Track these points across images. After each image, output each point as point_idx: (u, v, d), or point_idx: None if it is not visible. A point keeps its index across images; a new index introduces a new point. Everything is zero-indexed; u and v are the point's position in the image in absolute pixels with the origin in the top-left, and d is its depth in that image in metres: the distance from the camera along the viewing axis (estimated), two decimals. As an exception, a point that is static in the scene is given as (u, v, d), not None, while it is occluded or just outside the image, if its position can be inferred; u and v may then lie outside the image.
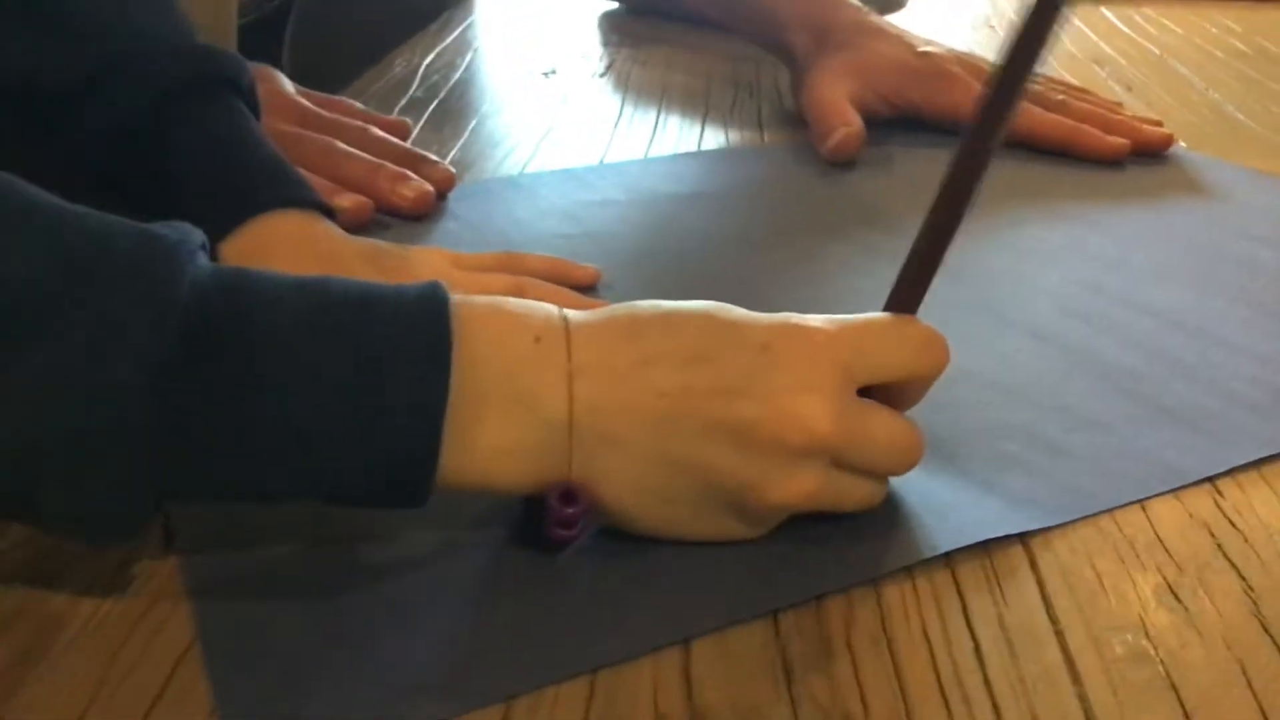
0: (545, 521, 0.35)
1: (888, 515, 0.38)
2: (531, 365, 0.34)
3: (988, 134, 0.35)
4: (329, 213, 0.53)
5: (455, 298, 0.34)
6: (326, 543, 0.37)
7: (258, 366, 0.32)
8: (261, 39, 0.84)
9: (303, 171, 0.54)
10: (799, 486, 0.35)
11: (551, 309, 0.36)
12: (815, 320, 0.37)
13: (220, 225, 0.49)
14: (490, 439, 0.34)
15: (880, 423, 0.36)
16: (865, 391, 0.37)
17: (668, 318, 0.36)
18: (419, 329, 0.33)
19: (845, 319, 0.37)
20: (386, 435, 0.32)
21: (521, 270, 0.54)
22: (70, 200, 0.33)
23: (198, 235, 0.34)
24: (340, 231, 0.52)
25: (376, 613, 0.34)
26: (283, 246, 0.50)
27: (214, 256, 0.47)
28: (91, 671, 0.32)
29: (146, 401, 0.30)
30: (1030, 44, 0.34)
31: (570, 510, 0.34)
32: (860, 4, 0.85)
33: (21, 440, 0.30)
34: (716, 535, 0.36)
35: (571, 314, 0.36)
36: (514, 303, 0.36)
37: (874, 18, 0.84)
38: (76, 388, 0.30)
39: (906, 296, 0.38)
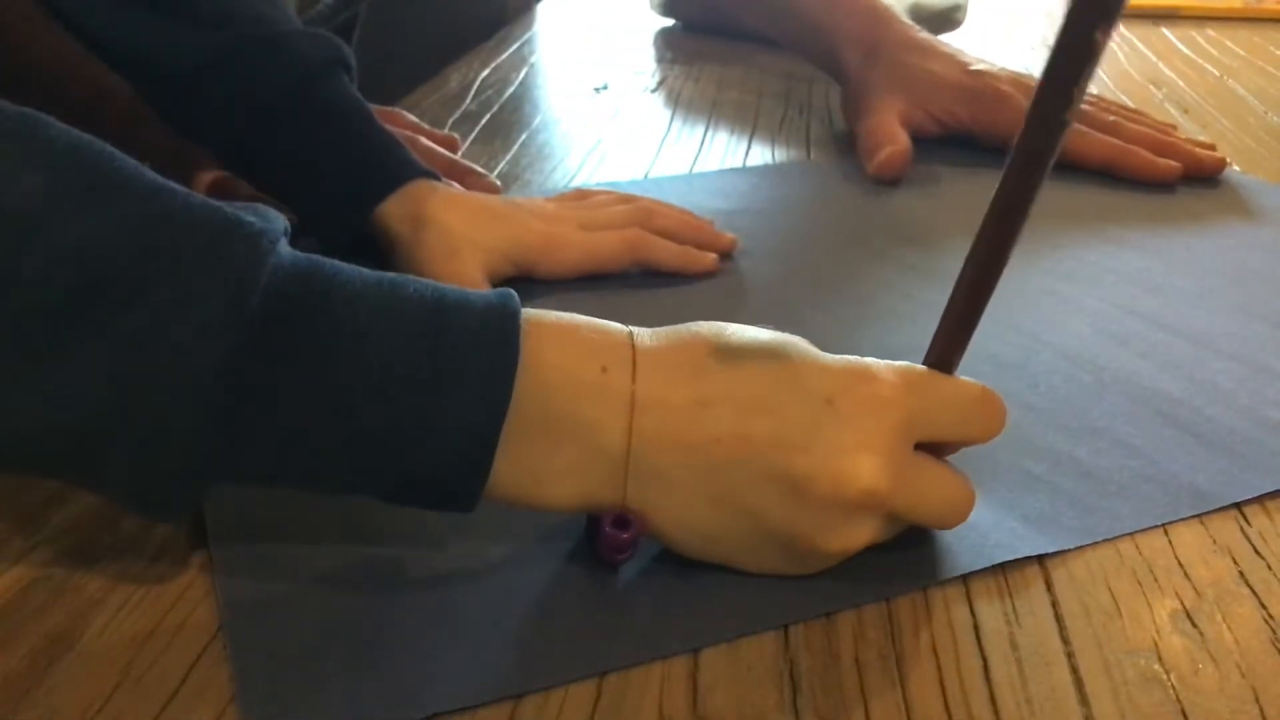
0: (600, 544, 0.35)
1: (905, 531, 0.38)
2: (595, 395, 0.34)
3: (1024, 186, 0.33)
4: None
5: (528, 313, 0.35)
6: (353, 539, 0.38)
7: (331, 361, 0.32)
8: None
9: None
10: (854, 539, 0.35)
11: (622, 332, 0.36)
12: (880, 370, 0.36)
13: (378, 188, 0.56)
14: (545, 461, 0.34)
15: (937, 480, 0.36)
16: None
17: (731, 357, 0.35)
18: (488, 344, 0.33)
19: (909, 370, 0.36)
20: (442, 446, 0.33)
21: (650, 228, 0.60)
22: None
23: (281, 222, 0.34)
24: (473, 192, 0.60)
25: (396, 611, 0.35)
26: (440, 203, 0.56)
27: (373, 216, 0.56)
28: (120, 656, 0.33)
29: (218, 384, 0.30)
30: (1062, 81, 0.31)
31: (624, 535, 0.35)
32: (912, 22, 0.85)
33: (93, 414, 0.30)
34: (764, 571, 0.36)
35: (639, 338, 0.36)
36: (586, 326, 0.36)
37: (925, 35, 0.84)
38: (150, 366, 0.30)
39: (949, 350, 0.37)
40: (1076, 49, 0.30)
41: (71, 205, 0.30)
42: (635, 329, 0.36)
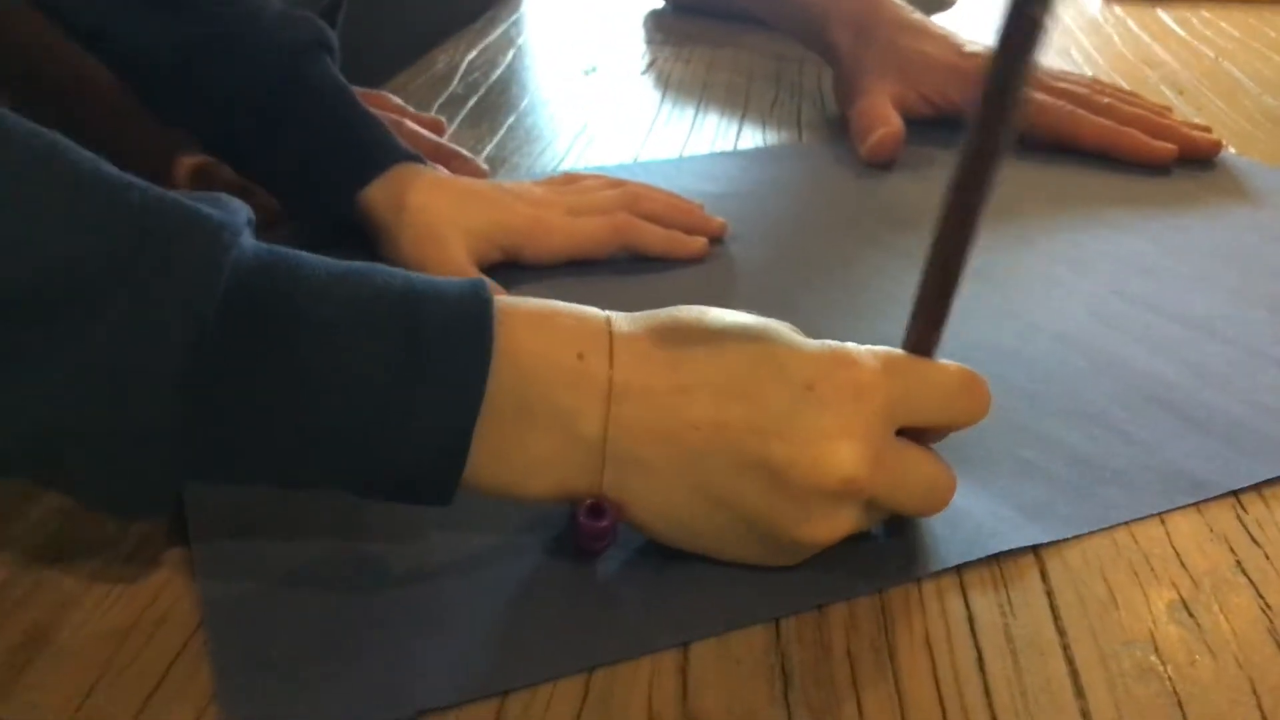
0: (576, 534, 0.35)
1: (898, 520, 0.38)
2: (572, 383, 0.33)
3: (980, 165, 0.31)
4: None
5: (502, 300, 0.34)
6: (335, 537, 0.37)
7: (297, 356, 0.31)
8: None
9: None
10: (833, 528, 0.34)
11: (599, 318, 0.35)
12: (861, 354, 0.35)
13: (362, 173, 0.56)
14: (523, 451, 0.33)
15: (917, 466, 0.35)
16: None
17: (710, 341, 0.35)
18: (463, 334, 0.32)
19: (890, 354, 0.35)
20: (416, 439, 0.32)
21: (638, 212, 0.60)
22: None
23: (244, 213, 0.33)
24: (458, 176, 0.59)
25: (379, 607, 0.34)
26: (425, 187, 0.55)
27: (358, 201, 0.55)
28: (99, 654, 0.32)
29: (183, 387, 0.30)
30: (1012, 53, 0.30)
31: (600, 524, 0.34)
32: (905, 3, 0.84)
33: (58, 422, 0.30)
34: (746, 562, 0.36)
35: (616, 323, 0.35)
36: (563, 312, 0.35)
37: (918, 16, 0.83)
38: (114, 373, 0.29)
39: (925, 333, 0.36)
40: (1019, 26, 0.30)
41: (30, 203, 0.29)
42: (613, 314, 0.36)
